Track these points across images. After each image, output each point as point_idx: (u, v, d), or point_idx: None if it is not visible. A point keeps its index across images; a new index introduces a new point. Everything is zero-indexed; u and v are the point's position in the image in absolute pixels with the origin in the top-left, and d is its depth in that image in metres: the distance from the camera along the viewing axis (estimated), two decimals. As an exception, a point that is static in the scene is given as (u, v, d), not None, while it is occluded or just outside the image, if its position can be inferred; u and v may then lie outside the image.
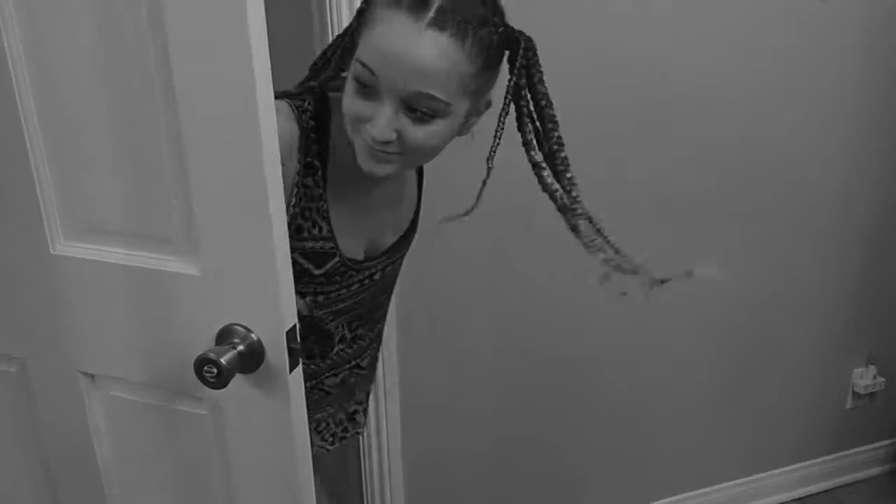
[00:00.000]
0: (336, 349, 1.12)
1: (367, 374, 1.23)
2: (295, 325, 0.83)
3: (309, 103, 0.94)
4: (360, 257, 1.05)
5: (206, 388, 0.80)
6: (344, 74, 0.93)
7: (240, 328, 0.83)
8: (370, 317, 1.16)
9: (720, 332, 1.95)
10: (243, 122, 0.75)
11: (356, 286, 1.06)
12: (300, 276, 0.97)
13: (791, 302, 1.99)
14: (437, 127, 0.87)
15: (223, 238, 0.81)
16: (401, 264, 1.16)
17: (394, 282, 1.18)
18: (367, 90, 0.85)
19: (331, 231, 0.98)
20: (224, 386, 0.79)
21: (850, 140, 1.90)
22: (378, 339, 1.23)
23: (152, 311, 0.90)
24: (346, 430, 1.24)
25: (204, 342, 0.85)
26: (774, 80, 1.77)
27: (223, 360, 0.78)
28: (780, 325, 2.01)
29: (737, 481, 2.12)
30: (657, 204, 1.78)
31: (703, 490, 2.09)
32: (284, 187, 0.86)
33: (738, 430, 2.08)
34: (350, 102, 0.87)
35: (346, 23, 1.38)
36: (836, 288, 2.03)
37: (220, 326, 0.84)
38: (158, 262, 0.87)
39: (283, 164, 0.85)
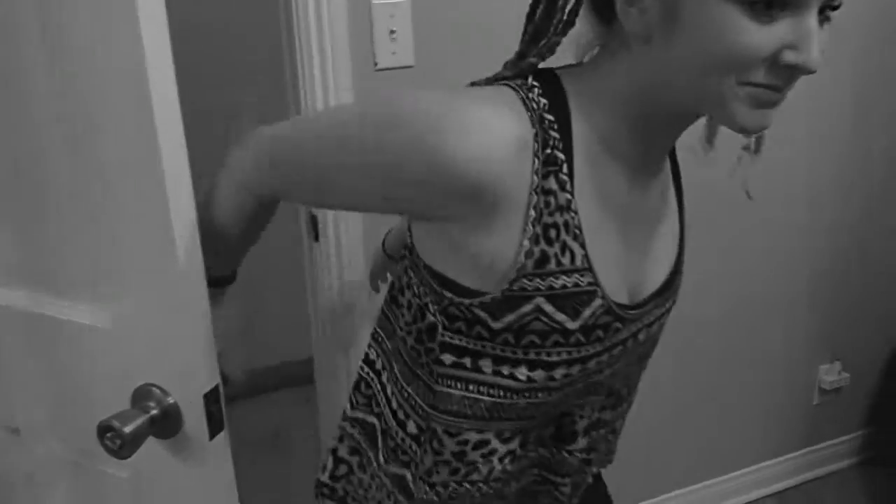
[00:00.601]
0: (580, 443, 0.80)
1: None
2: (217, 387, 0.76)
3: (534, 79, 0.67)
4: (626, 300, 0.73)
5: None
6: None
7: (156, 390, 0.76)
8: (620, 397, 0.84)
9: (691, 336, 1.90)
10: (147, 169, 0.67)
11: (619, 348, 0.74)
12: (547, 335, 0.67)
13: (760, 301, 1.97)
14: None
15: (132, 291, 0.74)
16: (666, 321, 0.83)
17: (654, 347, 0.86)
18: (773, 8, 0.58)
19: (587, 258, 0.67)
20: (128, 456, 0.72)
21: (820, 143, 1.88)
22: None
23: (67, 365, 0.83)
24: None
25: (119, 402, 0.77)
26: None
27: (126, 430, 0.71)
28: (750, 325, 1.98)
29: (713, 480, 2.09)
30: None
31: (679, 491, 2.06)
32: (515, 201, 0.63)
33: (711, 430, 2.05)
34: (747, 38, 0.58)
35: (312, 16, 1.27)
36: (803, 287, 2.02)
37: (137, 386, 0.77)
38: (70, 311, 0.80)
39: (511, 166, 0.62)
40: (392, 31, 1.33)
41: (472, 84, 0.71)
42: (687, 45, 0.60)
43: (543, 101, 0.65)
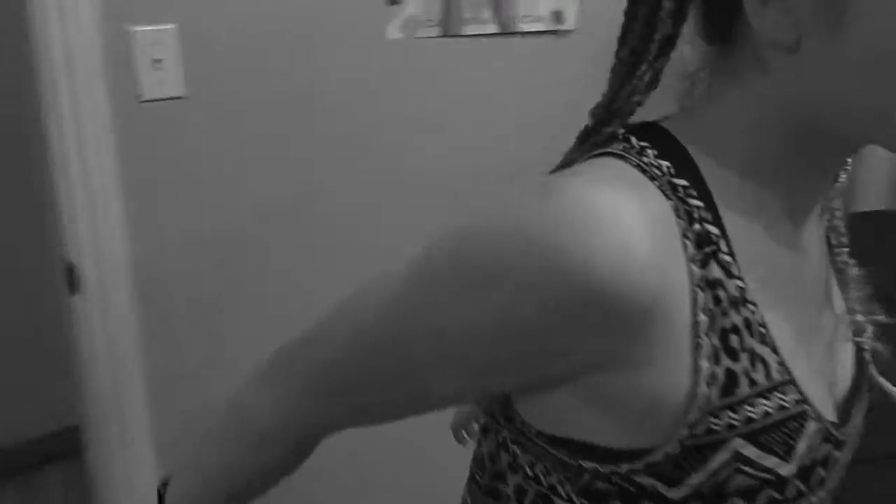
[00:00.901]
0: None
1: None
2: None
3: (638, 139, 0.50)
4: (832, 415, 0.53)
5: None
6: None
7: None
8: None
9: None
10: None
11: (835, 479, 0.55)
12: (753, 493, 0.47)
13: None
14: None
15: None
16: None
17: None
18: None
19: (784, 366, 0.48)
20: None
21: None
22: None
23: None
24: None
25: None
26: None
27: None
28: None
29: None
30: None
31: None
32: (675, 308, 0.44)
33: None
34: None
35: (57, 44, 1.13)
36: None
37: None
38: None
39: (659, 260, 0.44)
40: (157, 60, 1.23)
41: (560, 166, 0.53)
42: (861, 46, 0.43)
43: (664, 163, 0.48)
